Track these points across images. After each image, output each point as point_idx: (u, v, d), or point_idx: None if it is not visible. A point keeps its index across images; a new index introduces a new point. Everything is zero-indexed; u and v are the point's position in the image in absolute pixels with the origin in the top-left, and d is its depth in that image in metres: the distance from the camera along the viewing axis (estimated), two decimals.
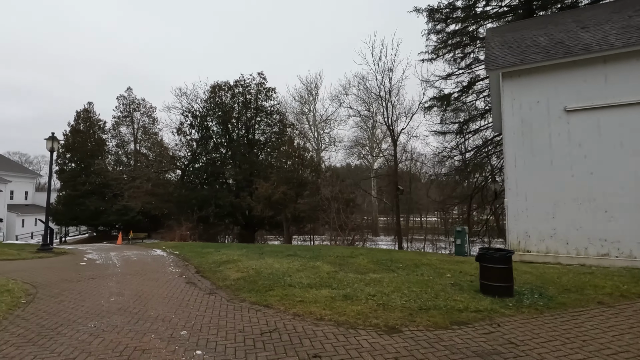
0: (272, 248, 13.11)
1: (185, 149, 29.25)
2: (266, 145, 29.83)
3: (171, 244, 16.73)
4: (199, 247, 14.61)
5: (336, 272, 7.62)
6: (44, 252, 11.95)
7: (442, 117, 20.95)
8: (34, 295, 6.19)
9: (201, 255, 11.38)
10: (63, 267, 9.21)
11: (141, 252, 13.51)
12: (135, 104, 38.14)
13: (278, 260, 9.50)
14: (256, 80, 29.54)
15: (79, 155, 35.28)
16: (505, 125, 9.06)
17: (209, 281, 7.58)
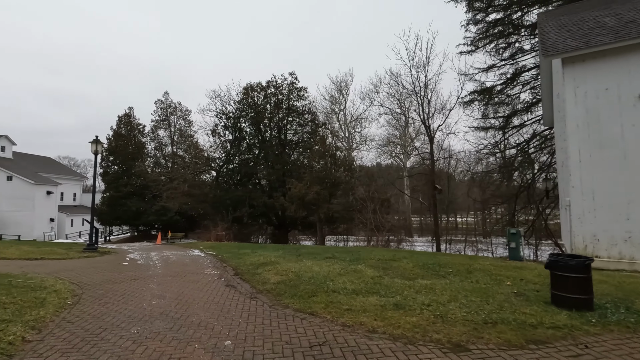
0: (308, 250, 12.81)
1: (219, 150, 29.81)
2: (298, 145, 29.74)
3: (208, 244, 16.90)
4: (235, 247, 14.60)
5: (381, 277, 7.14)
6: (89, 251, 12.35)
7: (483, 111, 19.78)
8: (80, 297, 6.20)
9: (238, 257, 11.27)
10: (107, 267, 9.37)
11: (180, 253, 13.66)
12: (171, 107, 39.50)
13: (317, 262, 9.15)
14: (287, 81, 29.54)
15: (121, 158, 36.98)
16: (568, 116, 8.15)
17: (248, 284, 7.35)
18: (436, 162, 23.84)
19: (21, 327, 4.41)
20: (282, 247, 14.85)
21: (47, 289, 6.31)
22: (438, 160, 24.15)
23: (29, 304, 5.37)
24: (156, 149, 40.31)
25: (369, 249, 12.79)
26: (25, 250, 11.20)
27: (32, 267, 8.86)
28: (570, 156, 8.14)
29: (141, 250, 15.02)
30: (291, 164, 27.69)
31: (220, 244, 16.90)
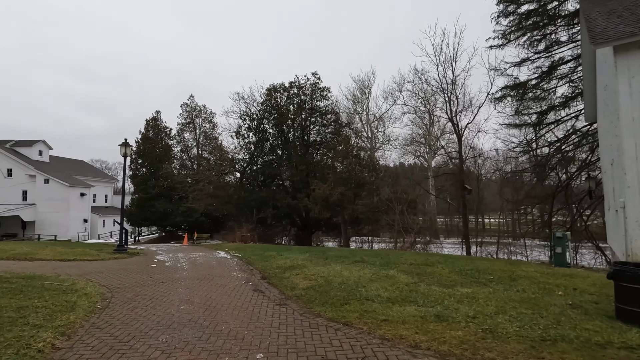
0: (335, 252, 12.48)
1: (243, 152, 30.00)
2: (321, 145, 29.48)
3: (233, 246, 16.90)
4: (260, 249, 14.48)
5: (416, 284, 6.72)
6: (119, 253, 12.54)
7: (517, 107, 18.79)
8: (109, 300, 6.15)
9: (264, 259, 11.10)
10: (136, 269, 9.40)
11: (206, 254, 13.68)
12: (197, 110, 40.22)
13: (346, 267, 8.82)
14: (310, 81, 29.34)
15: (149, 160, 38.00)
16: (622, 109, 7.42)
17: (276, 289, 7.12)
18: (465, 161, 22.94)
19: (51, 333, 4.33)
20: (308, 249, 14.60)
21: (78, 292, 6.30)
22: (467, 159, 23.24)
23: (60, 308, 5.32)
24: (182, 151, 41.20)
25: (398, 253, 12.32)
26: (59, 251, 11.49)
27: (64, 268, 9.00)
28: (624, 153, 7.39)
29: (169, 251, 15.17)
30: (315, 165, 27.45)
31: (246, 246, 16.85)
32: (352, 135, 27.20)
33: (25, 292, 5.85)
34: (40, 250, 11.57)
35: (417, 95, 32.38)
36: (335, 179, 22.48)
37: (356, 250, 15.14)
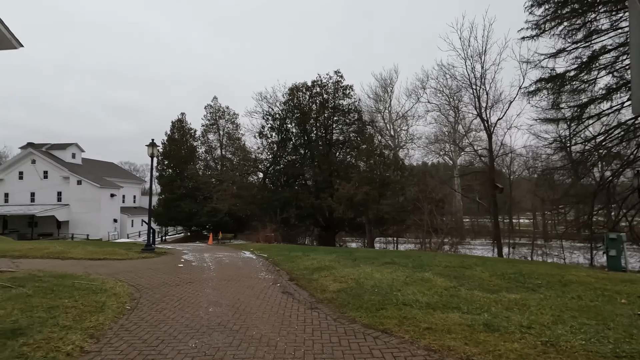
0: (363, 253, 12.09)
1: (266, 152, 30.04)
2: (344, 144, 29.09)
3: (258, 246, 16.80)
4: (285, 250, 14.28)
5: (456, 289, 6.25)
6: (147, 252, 12.64)
7: (553, 101, 17.73)
8: (138, 301, 6.04)
9: (291, 260, 10.85)
10: (163, 269, 9.36)
11: (231, 254, 13.60)
12: (220, 112, 40.74)
13: (377, 269, 8.42)
14: (333, 79, 29.01)
15: (175, 161, 38.80)
16: None
17: (306, 292, 6.82)
18: (496, 158, 21.94)
19: (80, 336, 4.20)
20: (334, 250, 14.26)
21: (107, 291, 6.23)
22: (498, 156, 22.20)
23: (90, 309, 5.23)
24: (206, 152, 41.86)
25: (430, 254, 11.78)
26: (89, 251, 11.69)
27: (95, 267, 9.07)
28: None
29: (195, 251, 15.23)
30: (338, 164, 27.09)
31: (270, 246, 16.72)
32: (377, 134, 26.62)
33: (56, 292, 5.82)
34: (72, 249, 11.81)
35: (441, 93, 31.41)
36: (359, 178, 22.03)
37: (384, 251, 14.67)
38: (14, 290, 5.70)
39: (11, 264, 9.15)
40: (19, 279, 6.50)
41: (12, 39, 8.27)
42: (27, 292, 5.64)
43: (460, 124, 37.69)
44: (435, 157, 44.04)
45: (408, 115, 39.97)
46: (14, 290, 5.70)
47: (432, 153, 42.07)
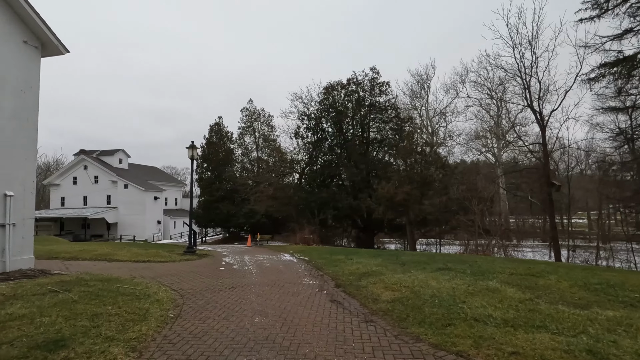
0: (409, 257, 11.30)
1: (302, 152, 29.75)
2: (382, 143, 28.14)
3: (297, 248, 16.44)
4: (326, 252, 13.77)
5: (534, 302, 5.39)
6: (189, 254, 12.65)
7: (620, 87, 15.87)
8: (181, 308, 5.75)
9: (334, 264, 10.32)
10: (205, 272, 9.17)
11: (271, 257, 13.31)
12: (255, 114, 41.21)
13: (431, 275, 7.66)
14: (369, 76, 28.19)
15: (213, 164, 39.71)
16: None
17: (356, 301, 6.24)
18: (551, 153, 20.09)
19: (122, 349, 3.90)
20: (377, 253, 13.54)
21: (151, 297, 6.01)
22: (553, 151, 20.31)
23: (133, 317, 4.98)
24: (243, 154, 42.50)
25: (487, 259, 10.76)
26: (134, 253, 11.86)
27: (139, 270, 9.05)
28: None
29: (234, 253, 15.13)
30: (376, 164, 26.21)
31: (310, 248, 16.30)
32: (417, 130, 25.41)
33: (101, 297, 5.66)
34: (118, 251, 12.05)
35: (483, 86, 29.63)
36: (399, 177, 21.07)
37: (433, 254, 13.74)
38: (60, 295, 5.61)
39: (62, 265, 9.36)
40: (66, 283, 6.46)
41: (59, 44, 8.41)
42: (73, 297, 5.52)
43: (504, 119, 35.44)
44: (476, 154, 41.78)
45: (446, 112, 38.18)
46: (60, 295, 5.61)
47: (472, 150, 39.91)
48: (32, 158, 8.03)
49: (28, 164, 7.90)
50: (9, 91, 7.53)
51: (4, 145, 7.38)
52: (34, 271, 7.54)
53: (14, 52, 7.67)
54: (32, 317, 4.55)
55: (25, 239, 7.77)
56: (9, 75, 7.53)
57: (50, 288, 5.97)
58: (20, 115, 7.75)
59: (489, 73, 29.26)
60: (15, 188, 7.55)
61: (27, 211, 7.82)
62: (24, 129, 7.82)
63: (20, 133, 7.73)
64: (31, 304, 5.08)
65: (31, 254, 7.94)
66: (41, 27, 8.03)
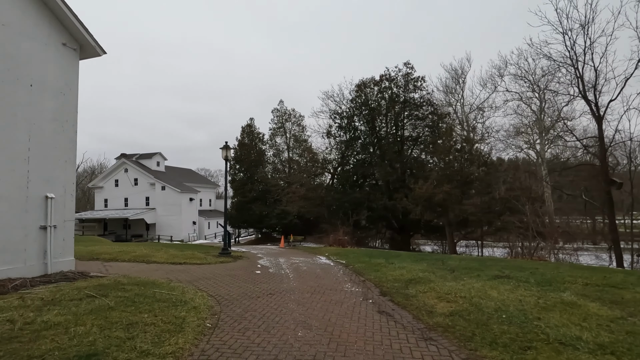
0: (457, 262, 10.43)
1: (334, 152, 29.20)
2: (417, 140, 27.01)
3: (332, 251, 15.90)
4: (364, 255, 13.13)
5: (628, 321, 4.51)
6: (224, 256, 12.48)
7: None
8: (218, 317, 5.38)
9: (374, 268, 9.68)
10: (241, 276, 8.84)
11: (307, 260, 12.86)
12: (286, 115, 41.23)
13: (489, 284, 6.85)
14: (402, 72, 27.20)
15: (246, 165, 40.12)
16: None
17: (407, 313, 5.60)
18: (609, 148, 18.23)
19: None
20: (420, 256, 12.72)
21: (187, 304, 5.69)
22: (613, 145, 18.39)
23: (169, 327, 4.64)
24: (274, 155, 42.68)
25: (549, 265, 9.69)
26: (171, 254, 11.83)
27: (175, 273, 8.87)
28: None
29: (269, 255, 14.84)
30: (412, 162, 25.15)
31: (346, 250, 15.72)
32: (456, 126, 24.04)
33: (137, 304, 5.40)
34: (155, 252, 12.07)
35: (524, 79, 27.75)
36: (438, 176, 19.98)
37: (482, 259, 12.71)
38: (97, 300, 5.40)
39: (102, 267, 9.38)
40: (104, 287, 6.30)
41: (96, 46, 8.38)
42: (109, 303, 5.29)
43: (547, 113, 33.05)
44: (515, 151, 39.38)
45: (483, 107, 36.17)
46: (97, 300, 5.40)
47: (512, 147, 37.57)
48: (72, 160, 8.04)
49: (68, 165, 7.90)
50: (49, 93, 7.56)
51: (45, 147, 7.40)
52: (74, 273, 7.50)
53: (54, 55, 7.70)
54: (67, 326, 4.31)
55: (66, 241, 7.77)
56: (49, 78, 7.56)
57: (88, 292, 5.80)
58: (60, 117, 7.76)
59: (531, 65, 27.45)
60: (56, 190, 7.56)
61: (67, 213, 7.82)
62: (64, 130, 7.83)
63: (61, 135, 7.75)
64: (67, 310, 4.88)
65: (72, 255, 7.94)
66: (79, 29, 8.02)
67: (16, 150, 6.90)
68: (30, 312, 4.79)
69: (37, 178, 7.22)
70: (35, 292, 5.81)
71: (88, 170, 68.09)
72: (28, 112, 7.14)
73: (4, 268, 6.62)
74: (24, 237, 6.94)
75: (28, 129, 7.13)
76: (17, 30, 7.02)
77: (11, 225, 6.75)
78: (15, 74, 6.97)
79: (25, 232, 6.98)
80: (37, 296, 5.55)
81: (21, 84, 7.06)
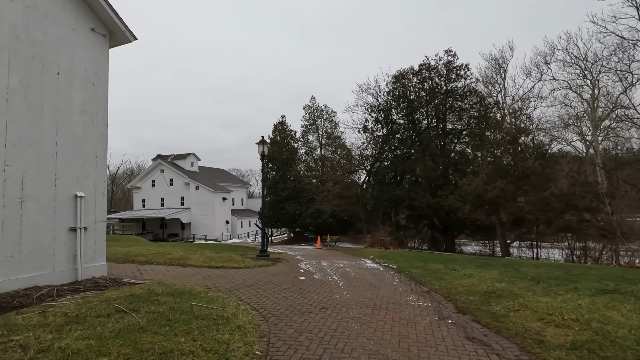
0: (536, 270, 8.91)
1: (371, 147, 27.81)
2: (462, 133, 25.05)
3: (376, 252, 14.68)
4: (414, 259, 11.83)
5: None
6: (262, 259, 11.63)
7: None
8: (267, 340, 4.39)
9: (435, 276, 8.39)
10: (285, 283, 7.87)
11: (352, 263, 11.74)
12: (318, 111, 40.23)
13: (600, 301, 5.42)
14: (443, 60, 25.34)
15: (278, 164, 39.53)
16: None
17: (507, 341, 4.33)
18: None
19: None
20: (482, 261, 11.21)
21: (230, 322, 4.74)
22: None
23: (210, 356, 3.68)
24: (306, 153, 41.81)
25: None
26: (207, 257, 11.12)
27: (213, 279, 8.05)
28: None
29: (308, 257, 13.87)
30: (457, 156, 23.33)
31: (391, 253, 14.45)
32: (506, 117, 21.86)
33: (172, 322, 4.51)
34: (191, 254, 11.42)
35: (574, 65, 25.13)
36: (488, 170, 18.17)
37: (563, 265, 11.02)
38: (126, 317, 4.57)
39: (136, 271, 8.75)
40: (136, 298, 5.51)
41: (126, 31, 7.68)
42: (140, 321, 4.44)
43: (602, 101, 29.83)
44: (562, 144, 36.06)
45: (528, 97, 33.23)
46: (126, 317, 4.57)
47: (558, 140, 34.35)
48: (103, 156, 7.39)
49: (99, 162, 7.26)
50: (78, 83, 6.92)
51: (74, 141, 6.76)
52: (106, 280, 6.82)
53: (82, 41, 7.06)
54: (88, 356, 3.45)
55: (97, 244, 7.11)
56: (77, 66, 6.92)
57: (117, 306, 5.00)
58: (90, 109, 7.12)
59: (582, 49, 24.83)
60: (86, 188, 6.91)
61: (98, 213, 7.17)
62: (94, 124, 7.18)
63: (90, 128, 7.10)
64: (91, 332, 4.05)
65: (104, 260, 7.29)
66: (109, 13, 7.35)
67: (44, 144, 6.28)
68: (49, 333, 4.01)
69: (66, 175, 6.59)
70: (60, 305, 5.08)
71: (127, 172, 70.69)
72: (56, 103, 6.52)
73: (32, 275, 6.01)
74: (52, 240, 6.32)
75: (56, 122, 6.50)
76: (42, 13, 6.39)
77: (39, 227, 6.14)
78: (42, 60, 6.35)
79: (54, 235, 6.35)
80: (61, 310, 4.81)
81: (48, 72, 6.44)
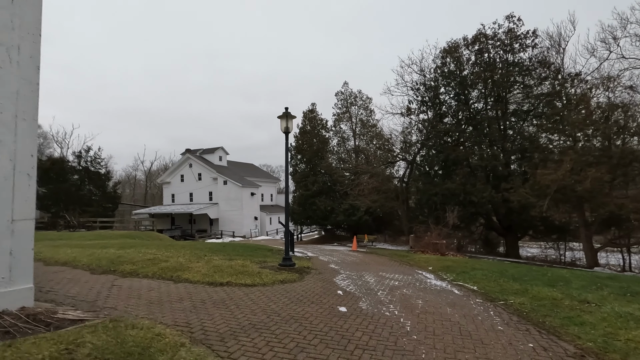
0: None
1: (416, 133, 24.09)
2: (530, 114, 20.72)
3: (435, 262, 11.26)
4: (499, 274, 8.37)
5: None
6: (285, 270, 8.69)
7: None
8: None
9: (566, 315, 5.01)
10: (316, 324, 4.86)
11: (408, 278, 8.50)
12: (352, 97, 36.82)
13: None
14: (503, 27, 21.15)
15: (308, 155, 36.55)
16: None
17: None
18: None
19: None
20: (596, 277, 7.55)
21: None
22: None
23: None
24: (338, 144, 38.53)
25: None
26: (213, 266, 8.37)
27: (207, 308, 5.19)
28: None
29: (345, 264, 10.76)
30: (523, 142, 19.26)
31: (455, 262, 11.01)
32: (592, 90, 17.40)
33: None
34: (194, 263, 8.71)
35: None
36: (577, 157, 14.13)
37: None
38: None
39: (105, 290, 6.09)
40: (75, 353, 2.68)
41: None
42: None
43: None
44: None
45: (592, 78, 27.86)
46: None
47: None
48: (31, 116, 4.69)
49: (22, 124, 4.57)
50: None
51: None
52: (20, 317, 4.09)
53: None
54: None
55: (15, 256, 4.41)
56: None
57: None
58: (6, 39, 4.41)
59: None
60: None
61: (19, 206, 4.47)
62: (13, 63, 4.49)
63: (6, 70, 4.40)
64: None
65: (28, 281, 4.58)
66: None
67: None
68: None
69: None
70: None
71: (162, 167, 70.84)
72: None
73: None
74: None
75: None
76: None
77: None
78: None
79: None
80: None
81: None
